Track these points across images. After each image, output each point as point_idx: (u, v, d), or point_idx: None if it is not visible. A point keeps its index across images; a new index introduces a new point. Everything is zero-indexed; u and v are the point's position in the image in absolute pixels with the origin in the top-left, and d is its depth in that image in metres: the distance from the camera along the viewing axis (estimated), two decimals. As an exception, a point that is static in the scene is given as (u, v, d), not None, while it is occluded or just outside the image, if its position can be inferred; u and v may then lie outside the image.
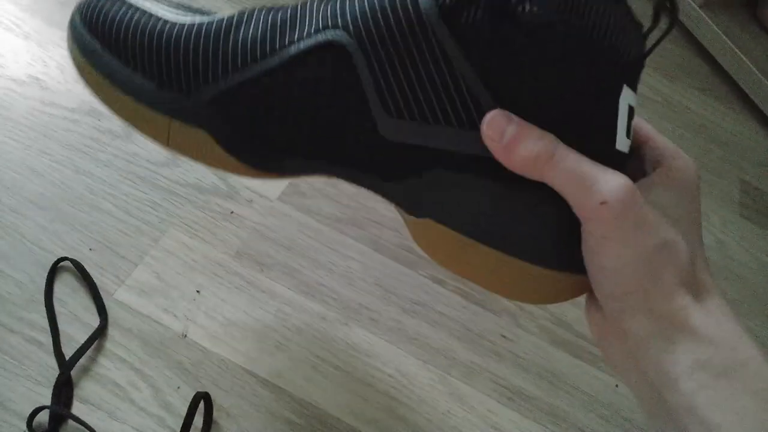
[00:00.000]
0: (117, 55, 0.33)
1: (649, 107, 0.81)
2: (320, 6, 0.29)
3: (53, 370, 0.41)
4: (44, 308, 0.43)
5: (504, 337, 0.52)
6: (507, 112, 0.26)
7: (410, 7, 0.26)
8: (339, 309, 0.49)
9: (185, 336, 0.45)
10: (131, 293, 0.46)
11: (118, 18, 0.33)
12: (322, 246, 0.52)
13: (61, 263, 0.45)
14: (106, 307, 0.44)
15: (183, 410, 0.41)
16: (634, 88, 0.28)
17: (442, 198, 0.29)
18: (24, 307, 0.43)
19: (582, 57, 0.25)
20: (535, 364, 0.51)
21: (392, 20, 0.26)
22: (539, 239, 0.28)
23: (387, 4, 0.27)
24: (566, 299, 0.32)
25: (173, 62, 0.32)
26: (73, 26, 0.34)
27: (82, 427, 0.39)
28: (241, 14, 0.31)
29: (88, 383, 0.41)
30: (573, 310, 0.55)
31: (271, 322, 0.47)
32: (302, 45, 0.29)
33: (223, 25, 0.31)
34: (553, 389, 0.50)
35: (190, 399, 0.41)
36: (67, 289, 0.45)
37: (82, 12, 0.34)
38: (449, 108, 0.27)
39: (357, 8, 0.28)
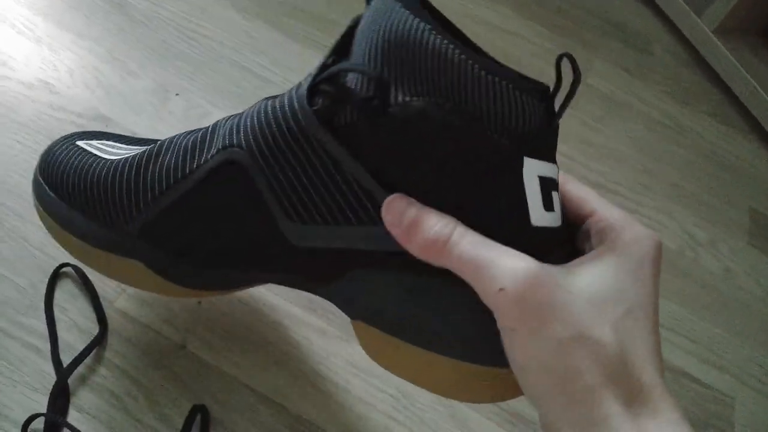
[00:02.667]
0: (62, 198, 0.34)
1: (659, 132, 0.81)
2: (225, 124, 0.30)
3: (50, 377, 0.41)
4: (44, 314, 0.43)
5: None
6: (406, 197, 0.24)
7: (290, 117, 0.26)
8: (340, 325, 0.48)
9: (184, 348, 0.44)
10: (132, 302, 0.45)
11: (62, 163, 0.35)
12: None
13: (63, 269, 0.45)
14: (107, 315, 0.44)
15: (179, 423, 0.41)
16: (545, 157, 0.25)
17: (367, 298, 0.28)
18: (23, 312, 0.43)
19: (462, 136, 0.24)
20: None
21: (277, 132, 0.27)
22: (467, 335, 0.27)
23: (272, 117, 0.27)
24: (515, 397, 0.29)
25: (102, 199, 0.33)
26: (34, 177, 0.37)
27: (77, 437, 0.39)
28: (161, 143, 0.32)
29: (85, 392, 0.41)
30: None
31: (271, 336, 0.47)
32: (208, 165, 0.29)
33: (144, 157, 0.32)
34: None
35: (187, 411, 0.41)
36: (67, 295, 0.44)
37: (40, 162, 0.36)
38: (345, 207, 0.26)
39: (248, 125, 0.28)
